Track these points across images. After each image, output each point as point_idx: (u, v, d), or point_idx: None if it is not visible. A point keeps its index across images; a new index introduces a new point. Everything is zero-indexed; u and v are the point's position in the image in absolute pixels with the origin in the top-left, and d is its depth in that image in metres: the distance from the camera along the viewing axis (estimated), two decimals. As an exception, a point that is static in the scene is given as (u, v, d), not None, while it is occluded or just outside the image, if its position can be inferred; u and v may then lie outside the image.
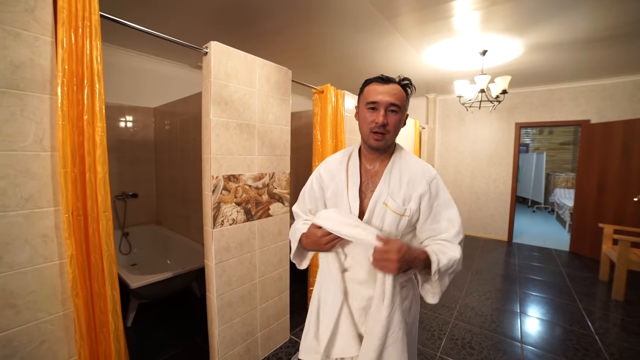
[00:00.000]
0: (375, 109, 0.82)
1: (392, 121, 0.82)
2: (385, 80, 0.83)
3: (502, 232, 4.43)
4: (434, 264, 0.78)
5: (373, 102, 0.82)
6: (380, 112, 0.81)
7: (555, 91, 3.99)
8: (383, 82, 0.82)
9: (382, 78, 0.83)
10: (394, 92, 0.81)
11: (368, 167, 0.92)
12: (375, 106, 0.81)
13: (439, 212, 0.86)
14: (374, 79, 0.85)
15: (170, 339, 1.96)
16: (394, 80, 0.84)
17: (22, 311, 0.92)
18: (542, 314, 2.39)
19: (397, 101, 0.81)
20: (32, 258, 0.92)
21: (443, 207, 0.87)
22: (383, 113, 0.80)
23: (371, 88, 0.84)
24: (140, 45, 2.73)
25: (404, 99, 0.83)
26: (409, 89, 0.85)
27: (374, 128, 0.82)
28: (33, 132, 0.92)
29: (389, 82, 0.82)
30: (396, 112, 0.81)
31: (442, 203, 0.87)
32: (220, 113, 1.43)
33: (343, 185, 0.92)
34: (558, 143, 7.49)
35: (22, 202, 0.90)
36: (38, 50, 0.92)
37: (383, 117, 0.80)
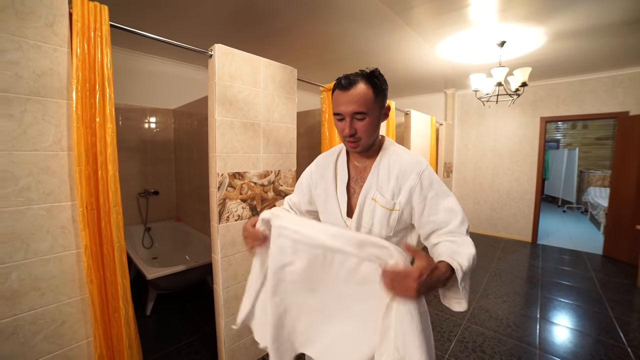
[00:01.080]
0: (342, 119, 0.79)
1: (361, 127, 0.79)
2: (345, 86, 0.77)
3: (526, 232, 4.20)
4: (458, 270, 0.64)
5: (337, 114, 0.80)
6: (347, 122, 0.78)
7: (586, 82, 3.69)
8: (343, 89, 0.77)
9: (342, 84, 0.78)
10: (356, 99, 0.76)
11: (356, 164, 0.92)
12: (340, 117, 0.80)
13: (436, 203, 0.81)
14: (336, 84, 0.80)
15: (184, 328, 2.07)
16: (356, 80, 0.77)
17: (46, 294, 1.03)
18: (565, 321, 2.24)
19: (360, 108, 0.76)
20: (53, 247, 1.03)
21: (440, 198, 0.81)
22: (349, 123, 0.78)
23: (335, 96, 0.80)
24: (160, 50, 2.89)
25: (370, 99, 0.77)
26: (377, 83, 0.78)
27: (345, 137, 0.81)
28: (52, 134, 1.02)
29: (350, 87, 0.76)
30: (363, 118, 0.78)
31: (437, 194, 0.81)
32: (224, 113, 1.49)
33: (331, 183, 0.93)
34: (594, 138, 6.93)
35: (44, 197, 1.01)
36: (57, 60, 1.02)
37: (349, 128, 0.78)
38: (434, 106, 4.85)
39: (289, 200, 1.09)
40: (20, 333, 0.99)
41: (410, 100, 5.13)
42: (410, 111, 3.44)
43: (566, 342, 1.98)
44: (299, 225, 0.78)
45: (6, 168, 0.95)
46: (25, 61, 0.97)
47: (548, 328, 2.14)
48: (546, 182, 7.29)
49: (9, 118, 0.95)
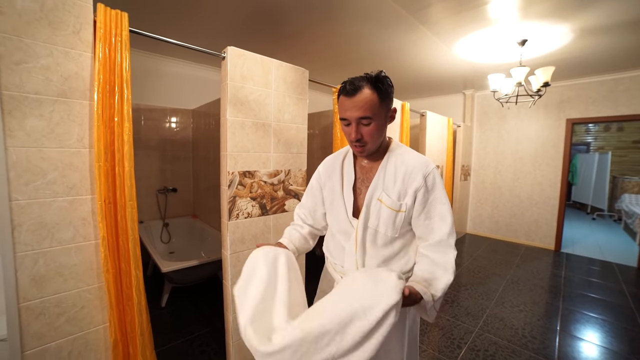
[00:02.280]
0: (349, 124, 0.81)
1: (367, 132, 0.80)
2: (350, 91, 0.77)
3: (549, 239, 3.98)
4: (429, 303, 0.76)
5: (344, 119, 0.81)
6: (353, 127, 0.80)
7: (621, 80, 3.44)
8: (348, 95, 0.78)
9: (347, 89, 0.78)
10: (362, 105, 0.76)
11: (363, 164, 0.93)
12: (347, 122, 0.81)
13: (434, 207, 0.84)
14: (341, 89, 0.80)
15: (196, 321, 2.15)
16: (361, 85, 0.77)
17: (67, 280, 1.11)
18: (590, 336, 2.10)
19: (365, 113, 0.77)
20: (75, 237, 1.11)
21: (438, 203, 0.84)
22: (355, 128, 0.79)
23: (340, 102, 0.81)
24: (179, 52, 3.03)
25: (375, 104, 0.77)
26: (382, 87, 0.78)
27: (352, 142, 0.82)
28: (76, 133, 1.10)
29: (355, 93, 0.77)
30: (369, 123, 0.79)
31: (437, 198, 0.84)
32: (236, 113, 1.54)
33: (338, 184, 0.94)
34: (630, 141, 6.45)
35: (67, 190, 1.09)
36: (81, 65, 1.10)
37: (355, 133, 0.79)
38: (452, 107, 4.72)
39: (299, 212, 1.08)
40: (47, 314, 1.08)
41: (427, 101, 5.02)
42: (426, 112, 3.38)
43: (589, 358, 1.86)
44: None
45: (37, 163, 1.04)
46: (55, 66, 1.06)
47: (569, 342, 2.02)
48: (573, 187, 6.87)
49: (40, 118, 1.04)
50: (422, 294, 0.75)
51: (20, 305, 1.02)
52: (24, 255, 1.03)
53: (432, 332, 2.09)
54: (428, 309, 0.77)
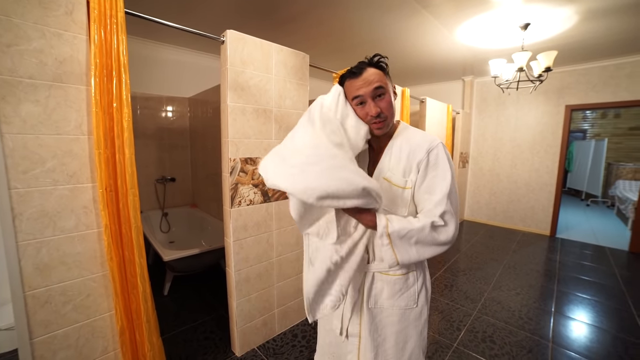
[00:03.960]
0: (364, 102, 0.81)
1: (384, 105, 0.81)
2: (356, 72, 0.80)
3: (544, 225, 4.05)
4: (380, 226, 0.75)
5: (357, 97, 0.80)
6: (370, 103, 0.80)
7: (623, 65, 3.40)
8: (356, 75, 0.80)
9: (353, 71, 0.81)
10: (372, 78, 0.79)
11: (373, 146, 0.92)
12: (361, 99, 0.81)
13: (436, 183, 0.80)
14: (347, 74, 0.83)
15: (199, 308, 2.18)
16: (364, 66, 0.81)
17: (72, 268, 1.11)
18: (582, 316, 2.17)
19: (378, 83, 0.79)
20: (77, 225, 1.10)
21: (440, 179, 0.80)
22: (372, 103, 0.80)
23: (348, 85, 0.82)
24: (175, 38, 2.93)
25: (383, 78, 0.81)
26: (382, 64, 0.82)
27: (371, 120, 0.81)
28: (74, 119, 1.07)
29: (362, 71, 0.80)
30: (383, 93, 0.80)
31: (439, 174, 0.80)
32: (236, 98, 1.51)
33: None
34: (627, 128, 6.48)
35: (68, 178, 1.07)
36: (76, 48, 1.06)
37: (374, 107, 0.80)
38: (451, 94, 4.68)
39: None
40: (53, 302, 1.08)
41: (427, 88, 4.97)
42: (426, 99, 3.35)
43: (581, 337, 1.93)
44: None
45: (35, 150, 1.02)
46: (49, 49, 1.02)
47: (563, 322, 2.09)
48: (569, 174, 6.94)
49: (36, 103, 1.01)
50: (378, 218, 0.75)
51: (26, 293, 1.02)
52: (27, 244, 1.01)
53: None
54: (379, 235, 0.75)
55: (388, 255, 0.77)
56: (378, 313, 0.89)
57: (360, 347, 0.90)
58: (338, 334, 0.94)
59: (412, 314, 0.90)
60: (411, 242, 0.76)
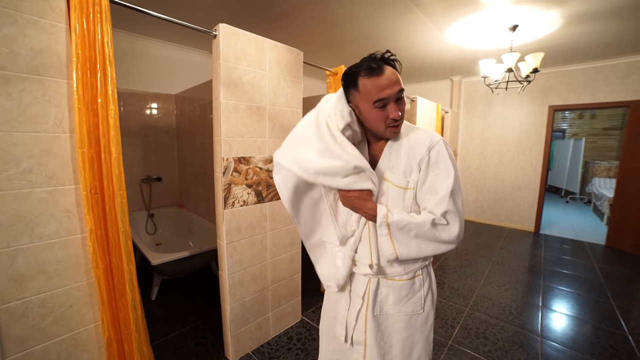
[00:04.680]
0: (386, 105, 0.74)
1: (402, 107, 0.77)
2: (378, 70, 0.72)
3: (529, 222, 4.19)
4: (380, 215, 0.75)
5: (381, 100, 0.73)
6: (392, 106, 0.74)
7: (601, 68, 3.56)
8: (378, 74, 0.71)
9: (374, 68, 0.71)
10: (394, 78, 0.73)
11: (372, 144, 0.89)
12: (384, 102, 0.74)
13: (438, 182, 0.76)
14: (364, 70, 0.72)
15: (189, 313, 2.10)
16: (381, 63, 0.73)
17: (52, 277, 1.02)
18: (567, 309, 2.25)
19: (401, 85, 0.75)
20: (58, 231, 1.01)
21: (443, 178, 0.76)
22: (395, 106, 0.74)
23: (372, 84, 0.72)
24: (161, 33, 2.80)
25: (399, 77, 0.76)
26: (397, 63, 0.77)
27: (390, 123, 0.76)
28: (53, 115, 0.98)
29: (382, 70, 0.72)
30: (402, 97, 0.76)
31: (442, 173, 0.76)
32: (229, 95, 1.45)
33: None
34: (601, 128, 6.80)
35: (47, 180, 0.98)
36: (54, 37, 0.97)
37: (396, 111, 0.74)
38: (439, 93, 4.75)
39: None
40: (30, 316, 0.99)
41: (416, 87, 5.02)
42: (417, 98, 3.37)
43: (567, 330, 2.00)
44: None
45: (7, 149, 0.92)
46: (22, 37, 0.93)
47: (550, 316, 2.16)
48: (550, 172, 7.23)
49: (7, 97, 0.92)
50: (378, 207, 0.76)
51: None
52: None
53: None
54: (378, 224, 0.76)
55: (387, 247, 0.77)
56: (384, 320, 0.87)
57: (365, 355, 0.88)
58: (342, 341, 0.91)
59: (418, 320, 0.88)
60: (410, 235, 0.75)
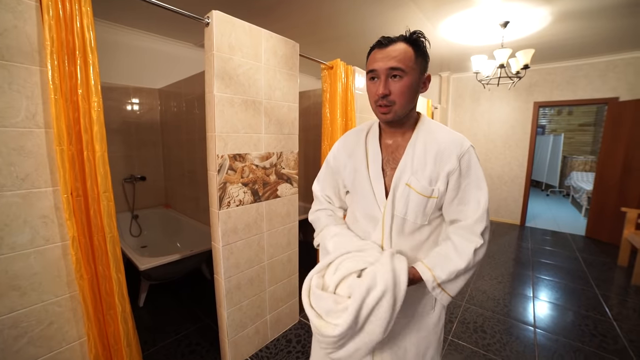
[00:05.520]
0: (376, 79, 0.71)
1: (396, 89, 0.69)
2: (384, 43, 0.70)
3: (515, 215, 4.32)
4: (428, 282, 0.74)
5: (371, 71, 0.71)
6: (381, 81, 0.70)
7: (581, 66, 3.70)
8: (382, 46, 0.70)
9: (381, 42, 0.71)
10: (395, 55, 0.68)
11: (388, 142, 0.81)
12: (374, 75, 0.71)
13: (468, 192, 0.74)
14: (375, 44, 0.72)
15: (181, 319, 1.99)
16: (398, 38, 0.70)
17: (27, 293, 0.90)
18: (556, 299, 2.32)
19: (398, 64, 0.68)
20: (33, 239, 0.89)
21: (474, 187, 0.74)
22: (383, 82, 0.69)
23: (371, 56, 0.72)
24: (144, 23, 2.61)
25: (410, 58, 0.69)
26: (421, 43, 0.71)
27: (378, 101, 0.72)
28: (24, 107, 0.86)
29: (390, 44, 0.69)
30: (400, 76, 0.69)
31: (472, 182, 0.74)
32: (224, 88, 1.35)
33: (362, 162, 0.82)
34: (577, 124, 7.13)
35: (19, 182, 0.86)
36: (22, 16, 0.84)
37: (383, 87, 0.69)
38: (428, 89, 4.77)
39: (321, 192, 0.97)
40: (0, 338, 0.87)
41: (405, 83, 5.02)
42: (409, 94, 3.35)
43: (558, 319, 2.06)
44: None
45: (-31, 147, 0.80)
46: (-18, 16, 0.80)
47: (541, 306, 2.21)
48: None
49: (-33, 86, 0.79)
50: (421, 273, 0.73)
51: (-35, 329, 0.81)
52: (-35, 266, 0.80)
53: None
54: (431, 289, 0.75)
55: (443, 298, 0.78)
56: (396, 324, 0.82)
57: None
58: None
59: (430, 321, 0.85)
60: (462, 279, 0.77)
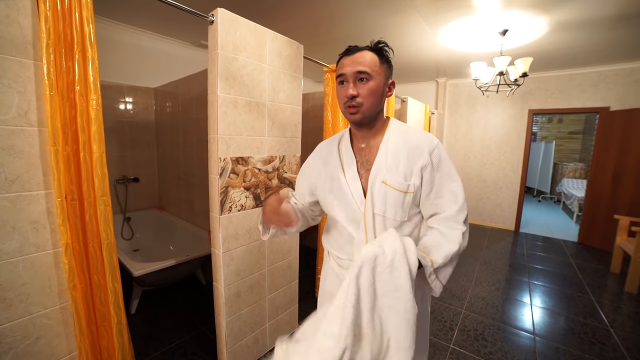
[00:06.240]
0: (345, 82, 0.76)
1: (364, 91, 0.74)
2: (351, 50, 0.77)
3: (510, 221, 4.36)
4: (427, 268, 0.74)
5: (340, 75, 0.77)
6: (349, 84, 0.75)
7: (575, 76, 3.79)
8: (349, 53, 0.77)
9: (349, 49, 0.77)
10: (361, 60, 0.74)
11: (361, 146, 0.85)
12: (343, 79, 0.76)
13: (442, 185, 0.79)
14: (343, 52, 0.79)
15: (175, 327, 1.91)
16: (364, 47, 0.76)
17: (14, 305, 0.83)
18: (553, 306, 2.33)
19: (364, 68, 0.73)
20: (22, 247, 0.82)
21: (447, 180, 0.79)
22: (352, 85, 0.75)
23: (339, 63, 0.78)
24: (141, 20, 2.54)
25: (375, 64, 0.75)
26: (385, 51, 0.77)
27: (347, 103, 0.76)
28: (16, 104, 0.79)
29: (356, 51, 0.76)
30: (367, 79, 0.74)
31: (445, 175, 0.79)
32: (228, 89, 1.30)
33: (338, 168, 0.85)
34: (567, 132, 7.30)
35: (7, 185, 0.79)
36: (15, 5, 0.78)
37: (352, 89, 0.74)
38: (424, 94, 4.81)
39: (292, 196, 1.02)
40: (-18, 353, 0.80)
41: (402, 88, 5.05)
42: (407, 98, 3.36)
43: (557, 327, 2.06)
44: None
45: (-47, 146, 0.73)
46: (-28, 4, 0.74)
47: (539, 313, 2.22)
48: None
49: (-47, 80, 0.72)
50: (420, 258, 0.73)
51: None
52: (-56, 276, 0.73)
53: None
54: (427, 275, 0.75)
55: (436, 286, 0.78)
56: None
57: None
58: None
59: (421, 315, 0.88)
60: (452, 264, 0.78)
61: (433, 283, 0.77)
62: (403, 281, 0.66)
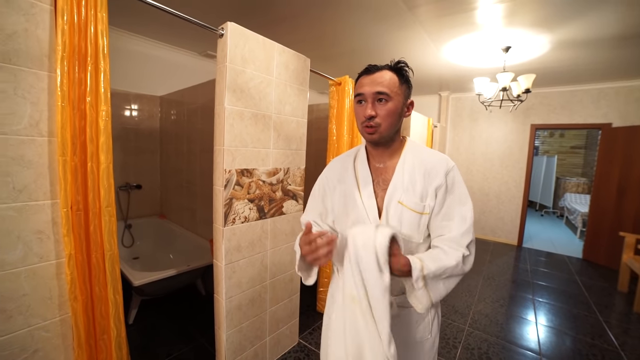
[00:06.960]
0: (363, 102, 0.76)
1: (382, 112, 0.74)
2: (370, 70, 0.76)
3: (512, 236, 4.32)
4: (415, 270, 0.69)
5: (359, 95, 0.76)
6: (368, 104, 0.75)
7: (576, 92, 3.82)
8: (369, 73, 0.76)
9: (368, 68, 0.77)
10: (380, 80, 0.74)
11: (377, 165, 0.84)
12: (362, 99, 0.76)
13: (452, 208, 0.78)
14: (363, 71, 0.78)
15: (174, 338, 1.87)
16: (384, 67, 0.76)
17: (13, 316, 0.82)
18: (559, 325, 2.27)
19: (384, 89, 0.73)
20: (26, 257, 0.82)
21: (457, 203, 0.78)
22: (370, 105, 0.74)
23: (359, 82, 0.78)
24: (148, 29, 2.60)
25: (395, 84, 0.75)
26: (404, 72, 0.77)
27: (365, 122, 0.76)
28: (28, 114, 0.80)
29: (376, 71, 0.75)
30: (386, 100, 0.74)
31: (457, 198, 0.78)
32: (235, 101, 1.31)
33: (353, 186, 0.84)
34: (569, 147, 7.32)
35: (15, 194, 0.79)
36: (34, 19, 0.80)
37: (370, 109, 0.74)
38: (427, 108, 4.85)
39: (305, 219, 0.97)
40: (-23, 366, 0.78)
41: (405, 100, 5.10)
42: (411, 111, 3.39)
43: (564, 347, 2.00)
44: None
45: (-37, 155, 0.74)
46: (-9, 17, 0.75)
47: (545, 333, 2.16)
48: (525, 186, 7.61)
49: (-32, 90, 0.74)
50: (411, 260, 0.69)
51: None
52: (-54, 286, 0.72)
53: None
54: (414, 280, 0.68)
55: (424, 299, 0.71)
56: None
57: None
58: None
59: (426, 345, 0.86)
60: (443, 278, 0.74)
61: (419, 291, 0.70)
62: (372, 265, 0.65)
